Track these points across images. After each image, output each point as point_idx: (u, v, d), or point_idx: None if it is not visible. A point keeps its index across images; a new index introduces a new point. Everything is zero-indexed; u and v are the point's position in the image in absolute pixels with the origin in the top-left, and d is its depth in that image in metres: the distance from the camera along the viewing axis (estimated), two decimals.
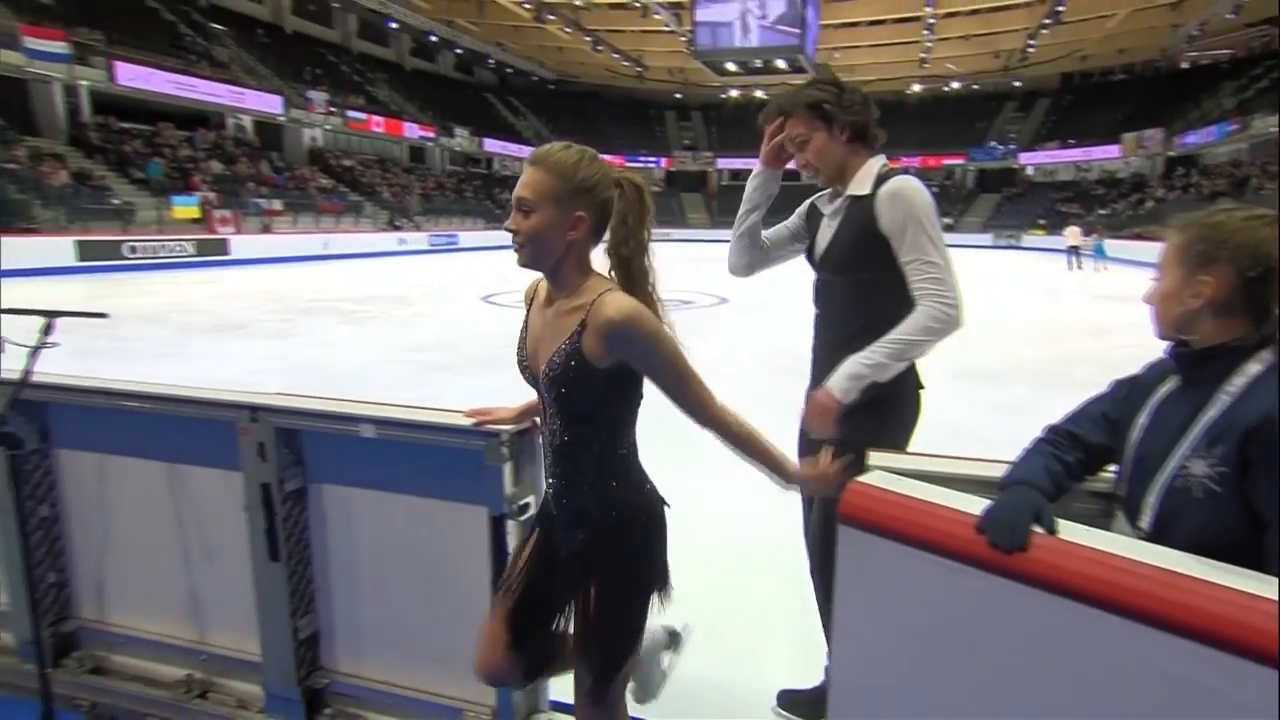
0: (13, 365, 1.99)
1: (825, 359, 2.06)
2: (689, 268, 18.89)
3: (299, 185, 28.51)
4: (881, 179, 1.98)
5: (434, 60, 42.25)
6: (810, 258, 2.21)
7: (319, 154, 32.06)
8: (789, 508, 2.29)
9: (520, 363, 1.63)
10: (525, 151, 43.94)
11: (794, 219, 2.32)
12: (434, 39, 36.46)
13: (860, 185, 2.01)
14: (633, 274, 1.53)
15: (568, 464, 1.56)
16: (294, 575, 2.07)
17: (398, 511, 2.03)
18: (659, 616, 1.69)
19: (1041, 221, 38.57)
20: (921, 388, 2.10)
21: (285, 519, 2.04)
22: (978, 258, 26.12)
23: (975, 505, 1.15)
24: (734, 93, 45.49)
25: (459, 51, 39.72)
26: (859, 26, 34.31)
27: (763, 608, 3.02)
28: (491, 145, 41.36)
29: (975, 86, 44.74)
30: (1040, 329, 11.47)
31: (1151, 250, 1.60)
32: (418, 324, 11.36)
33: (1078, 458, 1.36)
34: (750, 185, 2.27)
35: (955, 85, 44.69)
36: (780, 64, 28.76)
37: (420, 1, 32.11)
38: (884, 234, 1.94)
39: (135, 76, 23.65)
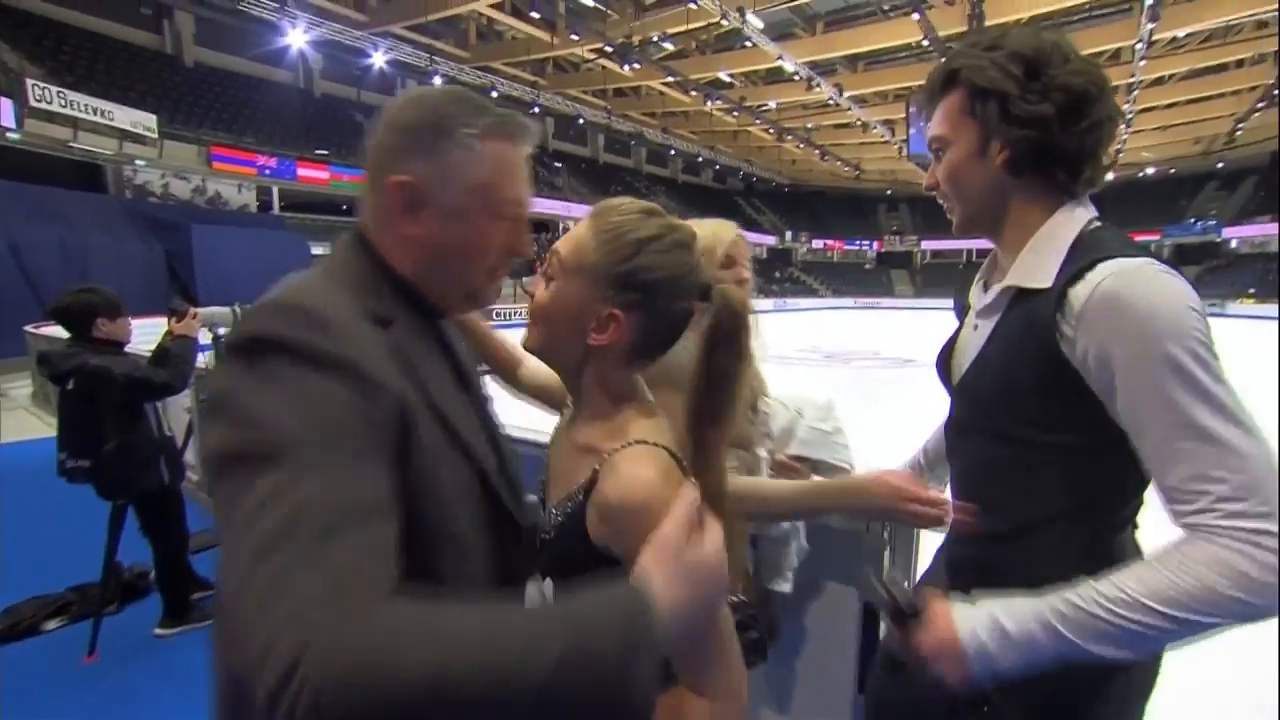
0: None
1: (968, 543, 0.95)
2: (891, 330, 17.32)
3: None
4: (1079, 253, 0.78)
5: (699, 175, 43.50)
6: (942, 374, 1.00)
7: None
8: None
9: (539, 490, 0.85)
10: (767, 240, 44.02)
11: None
12: (700, 159, 37.59)
13: (1033, 267, 0.81)
14: (709, 430, 0.77)
15: None
16: None
17: None
18: None
19: (1251, 291, 29.45)
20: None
21: None
22: None
23: None
24: None
25: (717, 167, 40.57)
26: None
27: None
28: None
29: (1172, 171, 36.66)
30: None
31: None
32: None
33: None
34: None
35: (1150, 171, 37.01)
36: None
37: (690, 134, 33.21)
38: (1074, 365, 0.76)
39: None
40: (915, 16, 17.49)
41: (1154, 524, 0.84)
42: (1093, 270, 0.75)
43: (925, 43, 19.13)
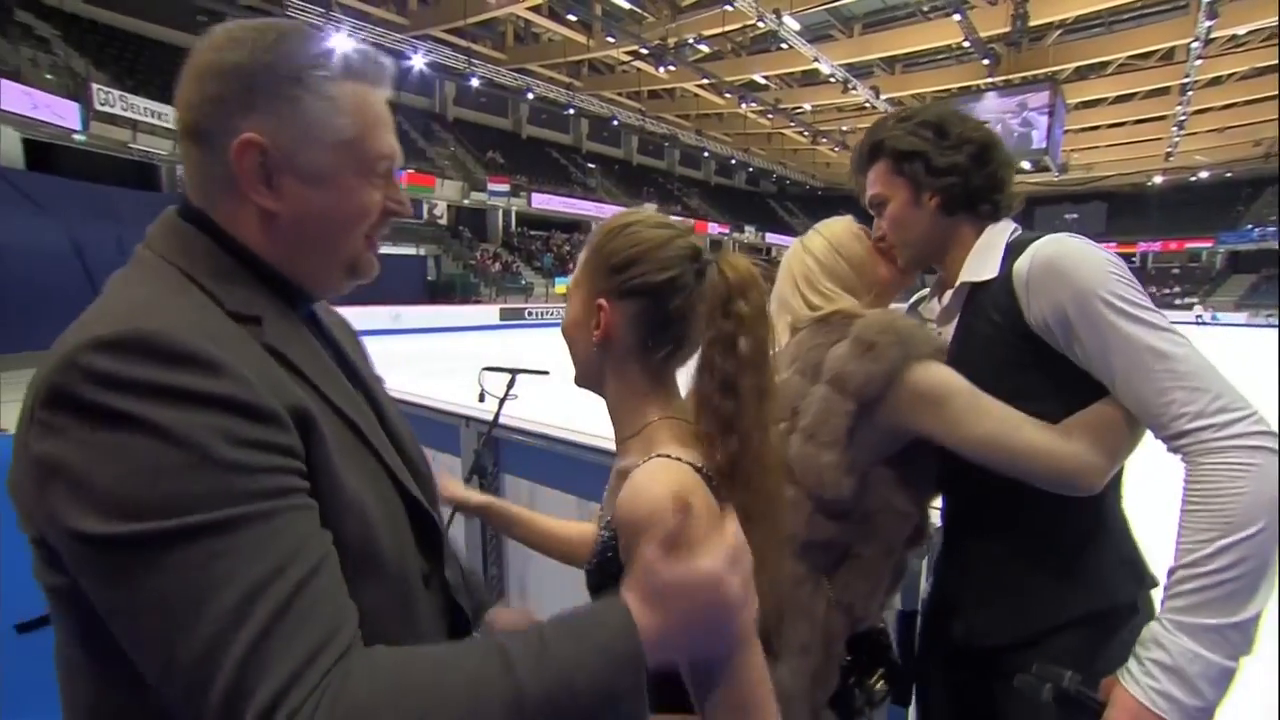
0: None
1: (962, 541, 1.05)
2: None
3: None
4: (1016, 249, 0.93)
5: (731, 177, 43.39)
6: None
7: None
8: None
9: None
10: None
11: None
12: (733, 162, 37.44)
13: (978, 267, 0.97)
14: (731, 423, 0.69)
15: None
16: None
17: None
18: None
19: None
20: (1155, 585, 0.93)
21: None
22: (1234, 336, 19.73)
23: None
24: None
25: (750, 170, 40.37)
26: (1099, 129, 28.67)
27: None
28: (771, 238, 41.35)
29: (1228, 175, 34.92)
30: None
31: None
32: None
33: None
34: None
35: (1204, 174, 35.46)
36: (1024, 164, 24.87)
37: (724, 136, 33.13)
38: (1036, 330, 0.89)
39: (542, 201, 27.18)
40: (956, 17, 17.15)
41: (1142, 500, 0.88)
42: (1028, 249, 0.91)
43: (966, 44, 18.77)
